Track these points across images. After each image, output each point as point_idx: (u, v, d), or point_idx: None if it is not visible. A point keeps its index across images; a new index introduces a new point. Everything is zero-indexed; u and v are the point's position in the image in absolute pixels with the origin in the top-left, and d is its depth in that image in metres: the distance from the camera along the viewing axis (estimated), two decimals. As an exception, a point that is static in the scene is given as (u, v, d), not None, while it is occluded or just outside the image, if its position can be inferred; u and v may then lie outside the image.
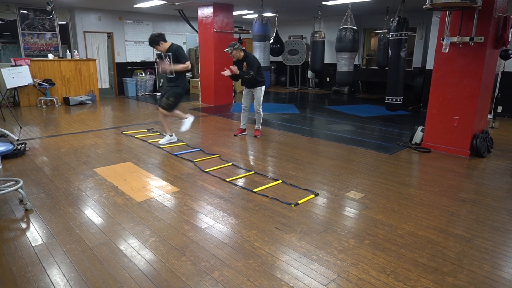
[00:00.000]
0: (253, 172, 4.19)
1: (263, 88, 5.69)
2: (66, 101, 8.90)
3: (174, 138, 5.50)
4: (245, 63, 5.49)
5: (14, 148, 4.53)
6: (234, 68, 5.45)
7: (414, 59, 10.52)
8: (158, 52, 5.17)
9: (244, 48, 5.64)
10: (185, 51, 12.28)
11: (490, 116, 7.03)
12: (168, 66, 4.98)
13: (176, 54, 4.93)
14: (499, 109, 7.80)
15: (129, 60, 11.07)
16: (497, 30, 4.67)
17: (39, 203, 3.29)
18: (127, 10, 10.53)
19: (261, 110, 5.77)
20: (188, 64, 4.96)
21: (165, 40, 4.96)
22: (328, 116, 7.97)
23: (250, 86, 5.71)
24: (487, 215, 3.17)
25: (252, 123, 6.42)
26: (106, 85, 10.68)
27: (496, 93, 7.20)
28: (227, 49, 5.48)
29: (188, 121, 5.42)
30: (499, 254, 2.56)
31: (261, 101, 5.73)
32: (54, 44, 9.86)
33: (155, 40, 4.91)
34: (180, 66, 4.94)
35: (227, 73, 5.48)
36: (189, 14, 10.42)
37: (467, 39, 4.60)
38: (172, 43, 5.04)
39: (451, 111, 4.97)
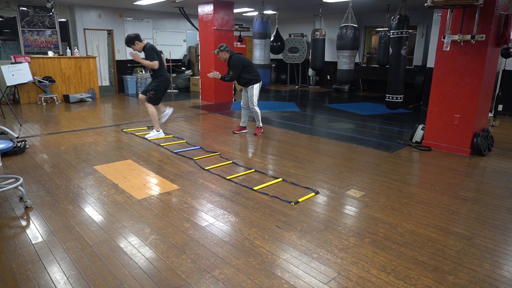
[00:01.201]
0: (253, 170, 4.18)
1: (255, 86, 5.67)
2: (66, 98, 8.89)
3: (161, 134, 5.73)
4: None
5: (14, 145, 4.53)
6: (213, 74, 5.61)
7: (415, 57, 10.50)
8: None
9: (232, 50, 5.67)
10: (185, 48, 12.31)
11: (490, 115, 7.02)
12: (137, 55, 5.27)
13: (146, 52, 5.30)
14: (500, 107, 7.80)
15: (129, 57, 11.04)
16: (499, 28, 4.66)
17: (39, 200, 3.28)
18: (127, 8, 10.50)
19: (256, 108, 5.75)
20: (153, 63, 5.24)
21: (140, 40, 5.30)
22: (329, 114, 7.96)
23: (243, 84, 5.77)
24: (488, 213, 3.17)
25: (252, 121, 6.41)
26: (106, 82, 10.67)
27: (497, 91, 7.18)
28: (214, 51, 5.62)
29: (166, 114, 5.84)
30: (499, 252, 2.55)
31: (255, 99, 5.71)
32: (54, 41, 9.84)
33: (131, 40, 5.25)
34: (144, 61, 5.26)
35: (212, 75, 5.64)
36: (190, 11, 10.39)
37: (468, 37, 4.59)
38: (147, 43, 5.38)
39: (451, 109, 4.96)
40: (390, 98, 7.22)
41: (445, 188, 3.75)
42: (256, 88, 5.68)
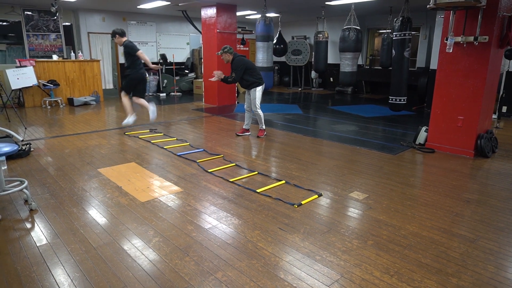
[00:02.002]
0: (256, 172, 4.19)
1: (258, 88, 5.69)
2: (70, 101, 8.94)
3: (134, 118, 6.19)
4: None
5: (19, 148, 4.56)
6: (217, 73, 5.68)
7: (418, 59, 10.49)
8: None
9: (235, 52, 5.72)
10: (189, 51, 12.38)
11: (494, 116, 6.99)
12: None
13: (127, 49, 5.82)
14: (504, 109, 7.75)
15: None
16: (502, 30, 4.65)
17: (43, 203, 3.31)
18: (131, 11, 10.58)
19: (258, 110, 5.77)
20: (138, 53, 5.77)
21: (121, 35, 5.85)
22: (332, 116, 7.95)
23: (245, 87, 5.79)
24: (492, 215, 3.15)
25: (256, 123, 6.42)
26: (110, 85, 10.74)
27: (501, 93, 7.16)
28: (218, 52, 5.71)
29: (151, 110, 6.15)
30: (503, 255, 2.54)
31: (257, 102, 5.72)
32: (59, 45, 9.92)
33: (113, 33, 5.88)
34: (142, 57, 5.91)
35: (214, 78, 5.70)
36: (193, 15, 10.45)
37: (471, 38, 4.58)
38: (126, 40, 5.90)
39: (455, 111, 4.94)
40: (393, 100, 7.21)
41: (448, 190, 3.73)
42: (258, 91, 5.70)
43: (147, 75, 6.39)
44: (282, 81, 14.31)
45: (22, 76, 7.87)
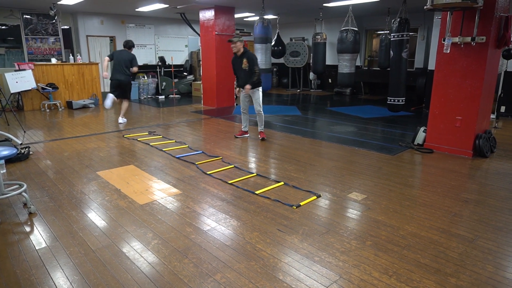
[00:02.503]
0: (255, 174, 4.20)
1: (260, 89, 5.71)
2: (69, 105, 8.95)
3: (124, 120, 7.18)
4: (244, 60, 5.55)
5: (18, 152, 4.56)
6: (246, 90, 5.65)
7: (416, 60, 10.51)
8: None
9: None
10: (187, 54, 12.42)
11: (493, 116, 7.00)
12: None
13: None
14: (502, 109, 7.77)
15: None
16: (499, 30, 4.67)
17: (42, 206, 3.31)
18: (129, 14, 10.60)
19: (262, 111, 5.78)
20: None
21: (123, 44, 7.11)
22: (330, 117, 7.97)
23: (246, 85, 5.73)
24: (490, 215, 3.16)
25: (254, 125, 6.43)
26: (108, 88, 10.73)
27: (499, 93, 7.17)
28: (232, 39, 5.61)
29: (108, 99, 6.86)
30: (502, 254, 2.55)
31: (261, 102, 5.74)
32: (57, 48, 9.94)
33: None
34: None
35: (245, 91, 5.68)
36: (191, 17, 10.47)
37: (468, 39, 4.60)
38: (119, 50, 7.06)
39: (453, 111, 4.96)
40: (392, 100, 7.23)
41: (447, 190, 3.74)
42: (260, 91, 5.72)
43: (121, 79, 6.98)
44: (281, 82, 14.33)
45: (21, 80, 7.88)
